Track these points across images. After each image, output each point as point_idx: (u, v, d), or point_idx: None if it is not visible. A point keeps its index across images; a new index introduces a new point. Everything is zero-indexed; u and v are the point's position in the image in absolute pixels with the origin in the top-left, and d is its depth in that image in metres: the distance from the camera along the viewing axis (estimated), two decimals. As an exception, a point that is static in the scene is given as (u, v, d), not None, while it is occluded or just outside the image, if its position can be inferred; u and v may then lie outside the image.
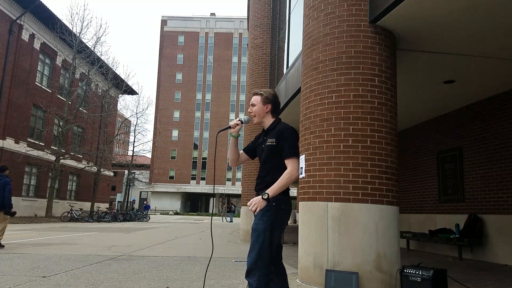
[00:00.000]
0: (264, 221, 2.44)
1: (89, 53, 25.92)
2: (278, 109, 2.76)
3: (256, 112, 2.71)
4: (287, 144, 2.53)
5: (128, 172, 37.06)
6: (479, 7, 4.37)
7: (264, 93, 2.71)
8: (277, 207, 2.48)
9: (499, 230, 7.35)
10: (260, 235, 2.42)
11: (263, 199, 2.45)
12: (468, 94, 7.75)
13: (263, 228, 2.43)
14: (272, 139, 2.60)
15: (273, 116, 2.72)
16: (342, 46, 4.72)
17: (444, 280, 3.98)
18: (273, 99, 2.72)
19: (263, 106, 2.69)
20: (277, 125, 2.65)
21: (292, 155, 2.52)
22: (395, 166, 4.65)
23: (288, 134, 2.56)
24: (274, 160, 2.58)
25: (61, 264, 5.66)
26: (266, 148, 2.62)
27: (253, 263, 2.39)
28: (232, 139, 2.76)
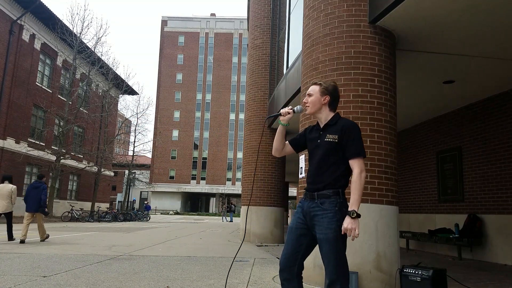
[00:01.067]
0: (333, 229, 2.28)
1: (89, 54, 25.93)
2: (337, 103, 2.53)
3: (311, 103, 2.49)
4: (354, 143, 2.34)
5: (129, 172, 37.10)
6: (479, 7, 4.38)
7: (324, 83, 2.51)
8: (340, 211, 2.31)
9: (498, 230, 7.36)
10: (332, 244, 2.27)
11: (353, 219, 2.23)
12: (468, 94, 7.76)
13: (334, 236, 2.27)
14: (333, 135, 2.38)
15: (330, 109, 2.49)
16: (342, 46, 4.73)
17: (444, 279, 3.99)
18: (333, 91, 2.49)
19: (320, 97, 2.47)
20: (339, 121, 2.43)
21: (359, 155, 2.33)
22: (395, 166, 4.66)
23: (355, 132, 2.36)
24: (333, 159, 2.38)
25: (62, 263, 5.68)
26: (324, 144, 2.40)
27: (334, 274, 2.26)
28: (280, 127, 2.58)
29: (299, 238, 2.42)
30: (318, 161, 2.42)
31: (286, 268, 2.42)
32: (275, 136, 2.61)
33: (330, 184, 2.36)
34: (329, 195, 2.34)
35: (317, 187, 2.39)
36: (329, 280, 2.27)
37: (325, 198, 2.35)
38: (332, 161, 2.38)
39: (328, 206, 2.33)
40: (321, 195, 2.36)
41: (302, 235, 2.41)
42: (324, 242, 2.29)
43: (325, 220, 2.30)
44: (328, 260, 2.28)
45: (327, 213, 2.31)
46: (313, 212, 2.37)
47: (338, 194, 2.35)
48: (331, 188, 2.35)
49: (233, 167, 67.16)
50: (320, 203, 2.35)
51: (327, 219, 2.30)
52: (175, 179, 66.49)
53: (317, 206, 2.36)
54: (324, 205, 2.33)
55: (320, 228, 2.32)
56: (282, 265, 2.43)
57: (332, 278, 2.26)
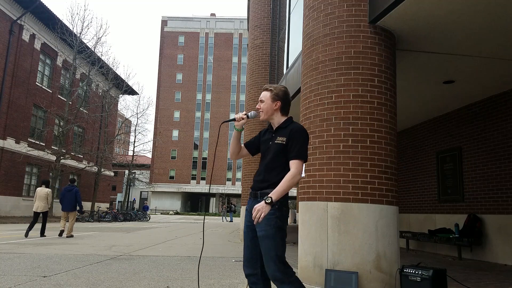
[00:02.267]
0: (272, 226, 2.35)
1: (89, 54, 25.93)
2: (288, 107, 2.62)
3: (264, 109, 2.57)
4: (297, 146, 2.42)
5: (129, 172, 37.10)
6: (479, 7, 4.38)
7: (274, 89, 2.58)
8: (280, 210, 2.38)
9: (498, 230, 7.36)
10: (272, 241, 2.33)
11: (267, 204, 2.31)
12: (468, 94, 7.76)
13: (273, 233, 2.34)
14: (282, 137, 2.47)
15: (282, 114, 2.58)
16: (342, 46, 4.73)
17: (444, 279, 3.99)
18: (283, 96, 2.58)
19: (272, 103, 2.56)
20: (290, 125, 2.52)
21: (299, 157, 2.40)
22: (395, 166, 4.66)
23: (301, 136, 2.45)
24: (280, 160, 2.46)
25: (62, 263, 5.68)
26: (273, 146, 2.50)
27: (275, 271, 2.30)
28: (235, 132, 2.65)
29: (253, 240, 2.48)
30: (267, 161, 2.51)
31: (250, 274, 2.47)
32: (231, 140, 2.68)
33: (274, 184, 2.40)
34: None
35: (261, 186, 2.47)
36: (274, 278, 2.29)
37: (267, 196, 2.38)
38: (279, 163, 2.45)
39: None
40: (264, 194, 2.41)
41: (255, 237, 2.46)
42: (264, 239, 2.34)
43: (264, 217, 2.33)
44: (269, 257, 2.32)
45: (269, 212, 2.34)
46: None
47: None
48: (273, 187, 2.39)
49: (233, 167, 67.17)
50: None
51: (267, 215, 2.33)
52: (175, 179, 66.49)
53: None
54: None
55: (259, 226, 2.37)
56: (246, 271, 2.49)
57: (277, 276, 2.29)
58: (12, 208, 21.67)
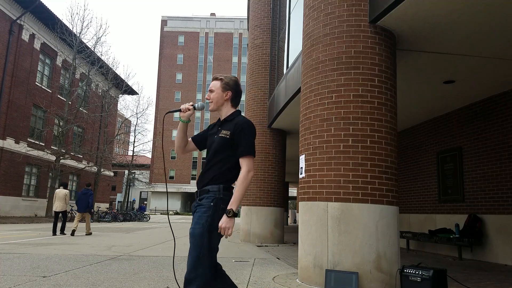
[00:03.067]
0: (201, 224, 2.18)
1: (89, 53, 25.92)
2: (239, 98, 2.48)
3: (214, 99, 2.44)
4: (245, 140, 2.26)
5: (128, 172, 37.08)
6: (479, 7, 4.38)
7: (225, 78, 2.45)
8: (216, 207, 2.21)
9: (499, 230, 7.36)
10: (197, 240, 2.16)
11: (229, 218, 2.15)
12: (468, 94, 7.76)
13: (200, 232, 2.16)
14: (227, 131, 2.32)
15: (232, 105, 2.46)
16: (342, 46, 4.73)
17: (444, 280, 3.99)
18: (234, 86, 2.45)
19: (222, 93, 2.43)
20: (236, 117, 2.38)
21: (248, 153, 2.26)
22: (395, 166, 4.65)
23: (247, 130, 2.29)
24: (223, 155, 2.31)
25: (61, 264, 5.67)
26: (218, 139, 2.34)
27: (192, 271, 2.12)
28: (181, 124, 2.49)
29: None
30: (209, 156, 2.37)
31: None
32: (176, 133, 2.53)
33: (213, 179, 2.28)
34: (208, 191, 2.26)
35: (202, 183, 2.33)
36: (186, 277, 2.13)
37: (205, 194, 2.27)
38: (221, 157, 2.31)
39: (204, 201, 2.25)
40: (202, 191, 2.30)
41: None
42: (190, 237, 2.20)
43: (197, 214, 2.23)
44: (191, 256, 2.16)
45: (201, 208, 2.24)
46: (194, 209, 2.31)
47: (219, 189, 2.26)
48: (214, 183, 2.27)
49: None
50: (199, 200, 2.28)
51: (199, 213, 2.22)
52: (175, 179, 66.49)
53: (197, 203, 2.29)
54: (202, 201, 2.26)
55: (192, 223, 2.25)
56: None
57: (189, 277, 2.12)
58: (12, 208, 21.66)
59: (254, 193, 10.81)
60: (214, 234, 2.19)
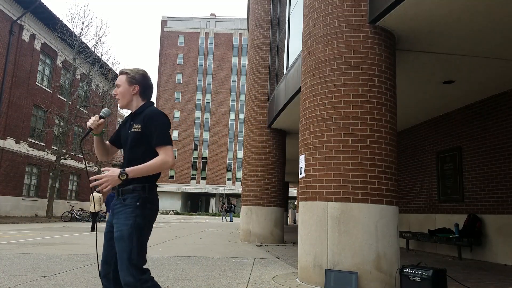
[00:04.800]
0: (129, 225, 2.08)
1: (89, 54, 25.94)
2: (149, 91, 2.35)
3: (121, 94, 2.30)
4: (157, 131, 2.15)
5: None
6: (479, 7, 4.38)
7: (131, 72, 2.31)
8: (142, 207, 2.12)
9: (498, 230, 7.36)
10: (126, 242, 2.06)
11: (119, 178, 2.05)
12: (468, 94, 7.76)
13: (128, 234, 2.06)
14: (138, 124, 2.20)
15: (143, 99, 2.32)
16: (342, 46, 4.74)
17: (444, 279, 4.00)
18: (142, 79, 2.31)
19: (129, 87, 2.29)
20: (146, 109, 2.25)
21: (163, 143, 2.14)
22: (395, 166, 4.66)
23: (157, 120, 2.18)
24: (139, 150, 2.19)
25: (62, 263, 5.68)
26: (131, 135, 2.22)
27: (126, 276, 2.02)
28: (96, 138, 2.34)
29: (110, 242, 2.22)
30: (125, 154, 2.25)
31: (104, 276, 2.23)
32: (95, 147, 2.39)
33: (135, 178, 2.14)
34: (133, 190, 2.15)
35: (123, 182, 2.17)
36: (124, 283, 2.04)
37: (129, 193, 2.15)
38: (138, 154, 2.19)
39: (129, 201, 2.14)
40: (125, 191, 2.17)
41: (111, 238, 2.21)
42: (117, 241, 2.08)
43: (122, 216, 2.11)
44: (122, 260, 2.05)
45: (126, 208, 2.12)
46: (115, 209, 2.19)
47: (144, 189, 2.15)
48: (137, 182, 2.15)
49: (233, 167, 67.18)
50: (123, 199, 2.16)
51: (125, 215, 2.11)
52: (175, 179, 66.50)
53: (120, 203, 2.18)
54: (126, 201, 2.15)
55: (117, 226, 2.12)
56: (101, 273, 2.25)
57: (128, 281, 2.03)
58: (12, 208, 21.67)
59: (254, 193, 10.82)
60: (143, 233, 2.12)
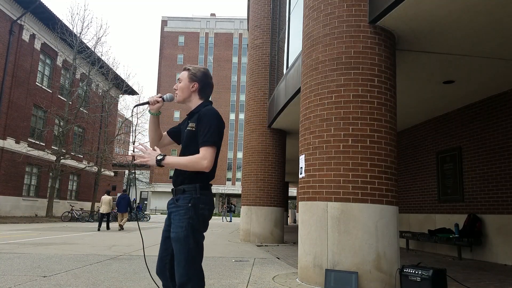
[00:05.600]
0: (184, 227, 2.10)
1: (89, 54, 25.94)
2: (208, 90, 2.36)
3: (180, 89, 2.32)
4: (205, 130, 2.14)
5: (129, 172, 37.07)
6: (479, 8, 4.38)
7: (193, 69, 2.34)
8: (195, 208, 2.14)
9: (498, 230, 7.36)
10: (182, 244, 2.09)
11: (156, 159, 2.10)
12: (468, 94, 7.76)
13: (184, 235, 2.09)
14: (192, 123, 2.22)
15: (201, 97, 2.33)
16: (342, 46, 4.74)
17: (444, 279, 4.00)
18: (202, 77, 2.32)
19: (189, 84, 2.31)
20: (202, 109, 2.26)
21: (207, 143, 2.12)
22: (395, 166, 4.66)
23: (207, 120, 2.17)
24: (193, 148, 2.19)
25: (62, 263, 5.68)
26: (186, 133, 2.25)
27: (184, 276, 2.07)
28: (151, 117, 2.39)
29: (166, 241, 2.26)
30: (181, 152, 2.27)
31: (159, 273, 2.27)
32: (148, 127, 2.42)
33: (187, 178, 2.17)
34: (184, 191, 2.17)
35: (176, 181, 2.23)
36: (178, 282, 2.08)
37: (180, 194, 2.18)
38: (192, 152, 2.18)
39: (181, 202, 2.16)
40: (178, 191, 2.20)
41: (167, 237, 2.25)
42: (175, 242, 2.12)
43: (176, 217, 2.14)
44: (178, 261, 2.09)
45: (180, 209, 2.15)
46: (170, 209, 2.23)
47: (195, 189, 2.16)
48: (188, 183, 2.17)
49: (233, 167, 67.16)
50: (176, 200, 2.19)
51: (179, 216, 2.13)
52: (175, 179, 66.50)
53: (173, 203, 2.21)
54: (179, 202, 2.17)
55: (172, 226, 2.16)
56: (157, 270, 2.29)
57: (182, 280, 2.07)
58: (12, 208, 21.67)
59: (254, 193, 10.82)
60: (197, 234, 2.14)
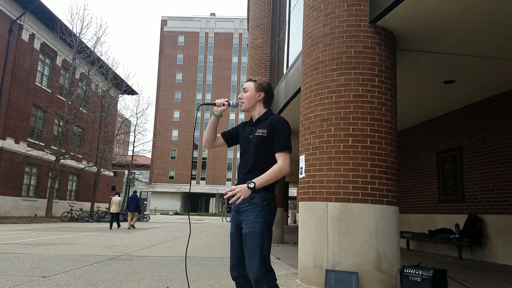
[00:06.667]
0: (260, 222, 2.25)
1: (89, 53, 25.91)
2: (271, 100, 2.57)
3: (247, 98, 2.52)
4: (280, 137, 2.35)
5: (128, 172, 37.07)
6: (479, 7, 4.38)
7: (259, 80, 2.54)
8: (269, 206, 2.30)
9: (499, 230, 7.36)
10: (258, 238, 2.23)
11: (248, 188, 2.25)
12: (468, 94, 7.76)
13: (261, 230, 2.24)
14: (263, 129, 2.40)
15: (264, 106, 2.54)
16: (342, 46, 4.73)
17: (444, 280, 3.99)
18: (267, 88, 2.53)
19: (255, 93, 2.52)
20: (270, 116, 2.47)
21: (284, 148, 2.33)
22: (395, 166, 4.65)
23: (282, 127, 2.38)
24: (263, 152, 2.38)
25: (61, 264, 5.67)
26: (255, 139, 2.41)
27: (259, 271, 2.18)
28: (213, 118, 2.59)
29: (240, 242, 2.37)
30: (249, 156, 2.42)
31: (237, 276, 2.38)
32: (207, 127, 2.59)
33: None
34: (259, 190, 2.30)
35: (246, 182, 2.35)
36: (255, 277, 2.19)
37: (255, 193, 2.30)
38: (261, 157, 2.37)
39: (257, 200, 2.29)
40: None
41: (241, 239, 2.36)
42: (250, 237, 2.24)
43: (252, 214, 2.27)
44: (253, 256, 2.21)
45: (256, 207, 2.28)
46: (242, 208, 2.33)
47: (268, 189, 2.32)
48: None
49: (233, 167, 67.15)
50: (250, 198, 2.30)
51: (255, 213, 2.27)
52: (175, 179, 66.47)
53: (247, 202, 2.31)
54: (254, 200, 2.30)
55: (246, 223, 2.28)
56: (233, 274, 2.40)
57: (259, 276, 2.18)
58: (12, 208, 21.66)
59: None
60: (270, 231, 2.29)
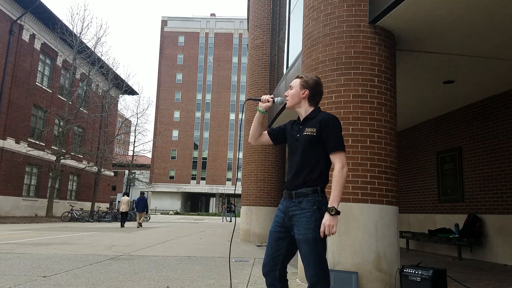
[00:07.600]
0: (312, 229, 2.20)
1: (89, 54, 25.93)
2: (318, 98, 2.44)
3: (291, 96, 2.43)
4: (333, 135, 2.25)
5: (129, 172, 37.09)
6: (479, 7, 4.38)
7: (305, 77, 2.43)
8: (319, 210, 2.23)
9: (498, 230, 7.36)
10: (312, 245, 2.19)
11: (332, 216, 2.16)
12: (468, 94, 7.76)
13: (313, 237, 2.19)
14: (312, 128, 2.30)
15: (310, 104, 2.42)
16: (341, 46, 4.73)
17: (444, 280, 3.99)
18: (314, 85, 2.41)
19: (300, 90, 2.41)
20: (318, 114, 2.35)
21: (340, 148, 2.25)
22: (395, 166, 4.66)
23: (334, 124, 2.27)
24: (312, 152, 2.29)
25: (62, 263, 5.68)
26: (303, 138, 2.31)
27: (314, 276, 2.18)
28: (258, 114, 2.52)
29: (278, 241, 2.34)
30: (298, 157, 2.33)
31: (268, 273, 2.35)
32: (253, 122, 2.53)
33: (309, 181, 2.27)
34: (307, 193, 2.25)
35: (295, 184, 2.30)
36: (311, 282, 2.20)
37: (303, 197, 2.26)
38: (311, 156, 2.29)
39: (306, 205, 2.24)
40: (299, 194, 2.28)
41: (281, 238, 2.34)
42: (303, 243, 2.21)
43: (303, 220, 2.22)
44: (308, 262, 2.20)
45: (305, 212, 2.23)
46: (291, 211, 2.29)
47: (317, 192, 2.26)
48: (309, 185, 2.27)
49: (233, 167, 67.16)
50: (298, 202, 2.26)
51: (305, 218, 2.22)
52: (175, 179, 66.48)
53: (295, 206, 2.27)
54: (302, 204, 2.25)
55: (298, 228, 2.24)
56: (264, 270, 2.37)
57: (313, 281, 2.19)
58: (12, 208, 21.67)
59: (254, 193, 10.82)
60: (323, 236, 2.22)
